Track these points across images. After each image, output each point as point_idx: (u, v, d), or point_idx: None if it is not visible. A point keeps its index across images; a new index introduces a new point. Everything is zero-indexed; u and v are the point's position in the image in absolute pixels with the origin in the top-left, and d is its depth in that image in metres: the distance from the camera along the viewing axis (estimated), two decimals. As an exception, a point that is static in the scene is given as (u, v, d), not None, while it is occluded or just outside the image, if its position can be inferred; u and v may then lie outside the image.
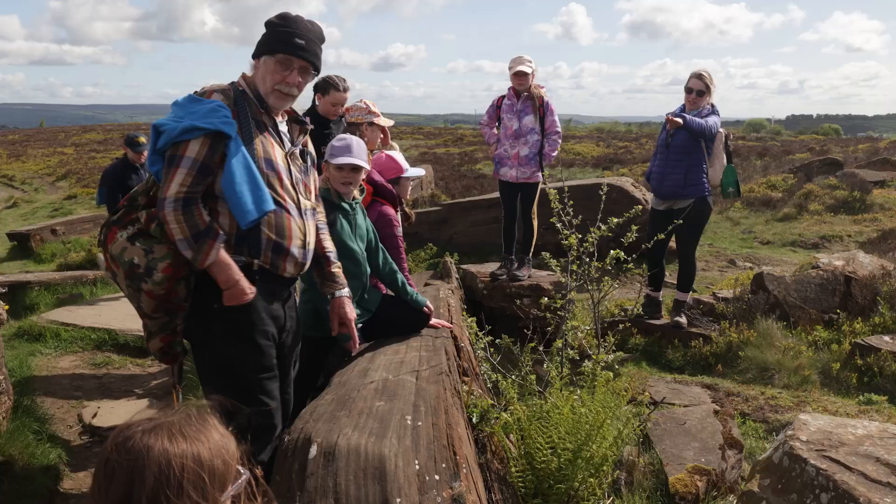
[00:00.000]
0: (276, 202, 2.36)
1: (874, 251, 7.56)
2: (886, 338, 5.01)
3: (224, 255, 2.28)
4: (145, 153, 5.94)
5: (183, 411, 1.14)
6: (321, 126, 4.11)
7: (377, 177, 3.66)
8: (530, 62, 5.42)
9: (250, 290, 2.34)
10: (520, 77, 5.45)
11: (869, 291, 5.60)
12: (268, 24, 2.40)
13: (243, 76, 2.44)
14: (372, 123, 4.25)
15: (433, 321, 3.45)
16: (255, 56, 2.40)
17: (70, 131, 44.41)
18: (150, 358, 5.36)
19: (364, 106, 4.33)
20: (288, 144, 2.48)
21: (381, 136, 4.40)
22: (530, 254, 5.81)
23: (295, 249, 2.45)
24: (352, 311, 2.73)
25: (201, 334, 2.41)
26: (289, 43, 2.34)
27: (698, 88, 5.25)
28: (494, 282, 5.74)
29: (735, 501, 3.09)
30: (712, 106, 5.33)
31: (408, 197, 3.76)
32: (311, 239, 2.53)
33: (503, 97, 5.64)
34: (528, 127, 5.45)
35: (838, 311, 5.58)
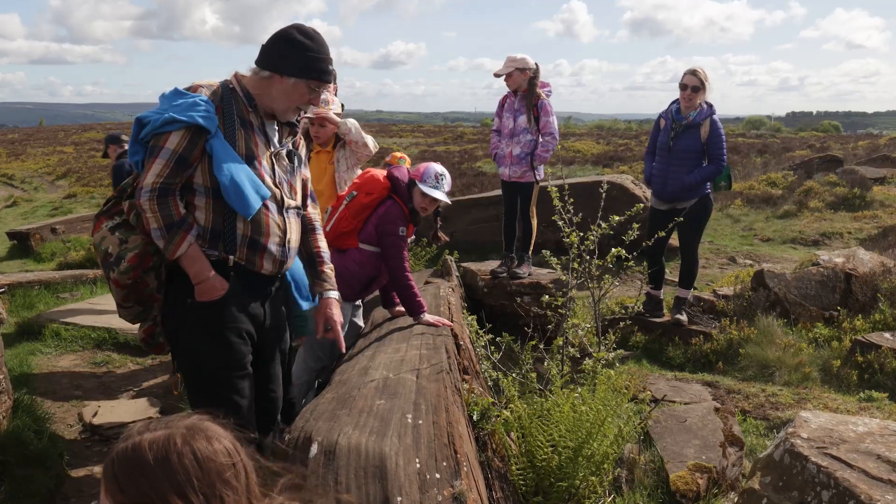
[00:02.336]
0: None
1: (874, 248, 7.55)
2: (887, 335, 5.00)
3: (195, 248, 2.30)
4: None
5: (186, 413, 1.15)
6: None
7: (399, 174, 3.62)
8: (514, 62, 5.35)
9: (222, 286, 2.34)
10: (505, 79, 5.46)
11: (869, 288, 5.60)
12: (294, 42, 2.35)
13: (236, 75, 2.44)
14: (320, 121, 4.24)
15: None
16: (277, 71, 2.35)
17: (70, 130, 44.41)
18: (150, 356, 5.35)
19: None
20: (275, 145, 2.48)
21: (319, 126, 4.25)
22: (530, 252, 5.78)
23: (273, 246, 2.44)
24: (339, 314, 2.66)
25: (175, 328, 2.43)
26: (324, 72, 2.38)
27: (693, 84, 5.22)
28: (495, 279, 5.73)
29: (736, 499, 3.08)
30: (710, 105, 5.31)
31: (421, 212, 3.65)
32: (293, 237, 2.52)
33: (507, 95, 5.61)
34: (522, 126, 5.41)
35: (839, 308, 5.58)
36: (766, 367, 4.95)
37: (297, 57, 2.35)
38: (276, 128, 2.51)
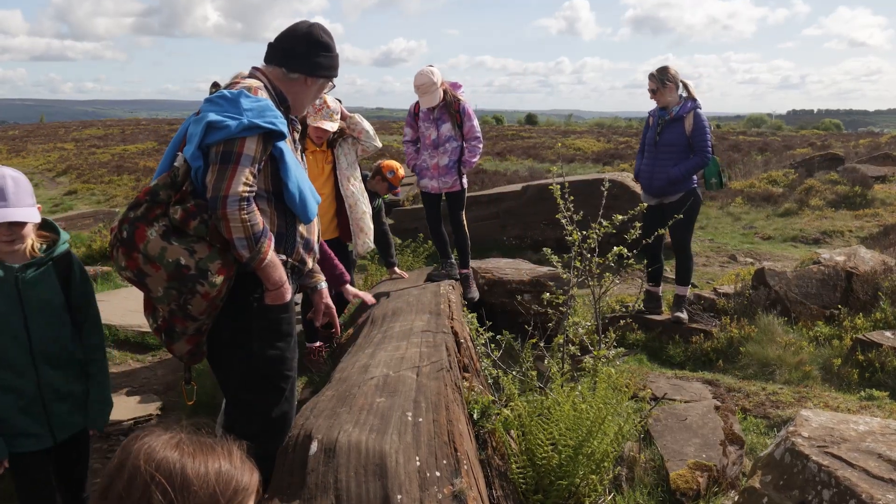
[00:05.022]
0: None
1: (875, 246, 7.54)
2: (888, 333, 5.00)
3: (275, 254, 2.29)
4: None
5: (205, 434, 1.10)
6: None
7: None
8: (433, 86, 4.82)
9: (290, 289, 2.37)
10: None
11: (870, 287, 5.59)
12: (322, 44, 2.41)
13: (261, 71, 2.41)
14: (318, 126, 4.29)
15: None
16: (309, 74, 2.41)
17: (70, 127, 44.44)
18: (150, 353, 5.35)
19: (316, 104, 4.30)
20: (295, 143, 2.53)
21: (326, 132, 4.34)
22: (470, 268, 5.37)
23: (315, 245, 2.54)
24: (330, 301, 2.77)
25: (238, 336, 2.35)
26: (335, 69, 2.47)
27: (651, 87, 5.42)
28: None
29: (736, 498, 3.08)
30: (693, 99, 5.38)
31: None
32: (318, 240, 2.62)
33: (418, 104, 5.08)
34: (447, 135, 4.98)
35: (839, 306, 5.57)
36: (766, 365, 4.95)
37: (324, 59, 2.42)
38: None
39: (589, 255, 3.86)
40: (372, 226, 4.67)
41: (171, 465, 1.00)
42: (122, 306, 6.13)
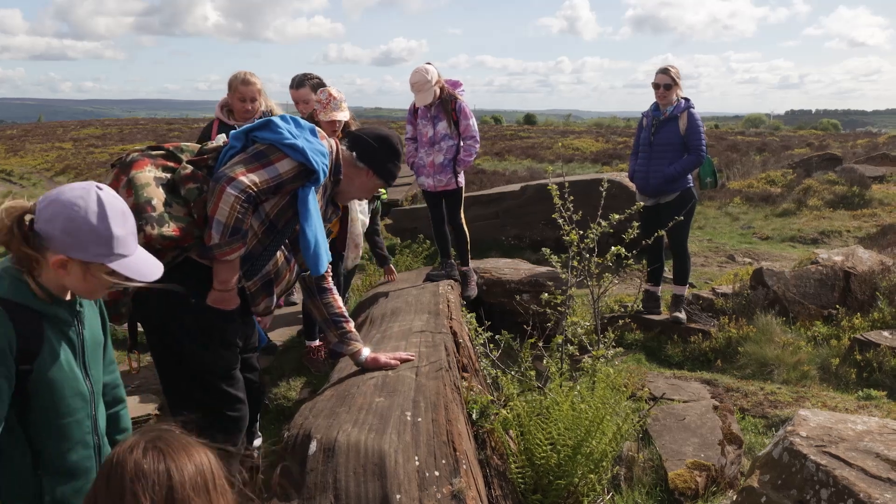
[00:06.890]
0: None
1: (873, 246, 7.55)
2: (886, 333, 5.01)
3: (239, 261, 2.35)
4: None
5: (167, 429, 1.16)
6: None
7: None
8: (428, 84, 4.78)
9: (234, 302, 2.42)
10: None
11: (868, 287, 5.60)
12: (396, 152, 2.63)
13: (339, 144, 2.59)
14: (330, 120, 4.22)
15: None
16: (373, 169, 2.59)
17: (68, 126, 44.38)
18: (148, 353, 5.33)
19: (322, 99, 4.24)
20: (325, 218, 2.64)
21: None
22: (469, 265, 5.33)
23: (276, 294, 2.58)
24: (385, 358, 2.73)
25: (171, 330, 2.42)
26: (394, 178, 2.69)
27: (665, 83, 5.38)
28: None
29: (735, 497, 3.08)
30: (686, 99, 5.43)
31: None
32: (282, 294, 2.69)
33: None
34: (442, 133, 4.96)
35: (837, 306, 5.58)
36: (764, 365, 4.96)
37: (392, 165, 2.62)
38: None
39: (588, 255, 3.86)
40: (362, 244, 4.71)
41: (193, 473, 1.10)
42: (120, 306, 6.11)
